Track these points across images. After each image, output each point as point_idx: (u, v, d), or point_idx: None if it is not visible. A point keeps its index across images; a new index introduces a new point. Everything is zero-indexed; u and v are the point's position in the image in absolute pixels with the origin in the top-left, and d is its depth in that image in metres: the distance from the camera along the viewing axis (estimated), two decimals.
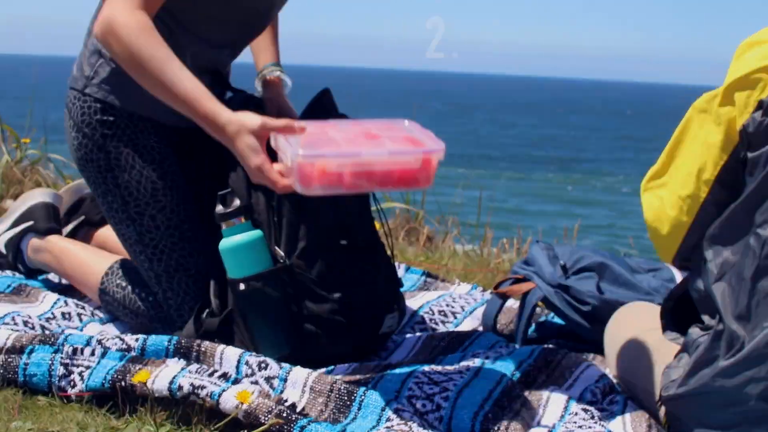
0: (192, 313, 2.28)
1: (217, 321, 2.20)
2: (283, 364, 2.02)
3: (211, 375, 1.92)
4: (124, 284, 2.40)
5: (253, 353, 2.08)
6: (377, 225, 2.39)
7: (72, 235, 2.79)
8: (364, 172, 1.78)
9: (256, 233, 2.17)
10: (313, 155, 1.76)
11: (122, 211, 2.30)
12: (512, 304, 2.64)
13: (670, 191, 1.79)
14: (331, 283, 2.19)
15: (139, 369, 1.94)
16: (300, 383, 1.98)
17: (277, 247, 2.18)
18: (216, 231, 2.22)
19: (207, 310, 2.24)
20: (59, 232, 2.70)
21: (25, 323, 2.30)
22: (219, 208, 2.17)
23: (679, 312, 1.99)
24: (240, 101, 2.41)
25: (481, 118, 49.26)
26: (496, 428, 1.82)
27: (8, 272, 2.72)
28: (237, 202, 2.17)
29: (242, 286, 2.14)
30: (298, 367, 2.01)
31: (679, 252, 1.82)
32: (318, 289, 2.18)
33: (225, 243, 2.16)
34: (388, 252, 2.40)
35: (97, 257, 2.53)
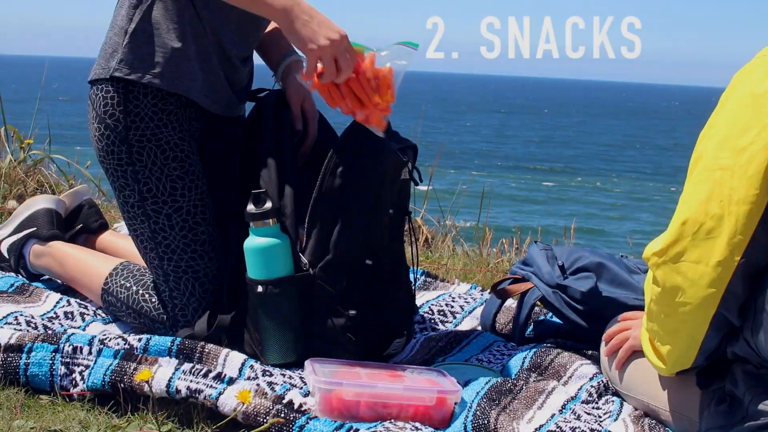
0: (196, 314, 2.29)
1: (229, 318, 2.19)
2: (286, 378, 2.05)
3: (205, 376, 1.93)
4: (128, 284, 2.40)
5: (259, 361, 2.09)
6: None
7: (71, 242, 2.78)
8: (380, 403, 1.89)
9: (284, 238, 2.16)
10: (332, 383, 1.89)
11: (138, 206, 2.29)
12: (511, 303, 2.66)
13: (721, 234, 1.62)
14: (349, 299, 2.17)
15: (135, 369, 1.95)
16: (301, 387, 2.02)
17: (302, 255, 2.17)
18: (241, 227, 2.21)
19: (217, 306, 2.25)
20: (62, 239, 2.71)
21: (28, 323, 2.31)
22: (250, 206, 2.16)
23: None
24: (274, 97, 2.38)
25: (480, 119, 49.18)
26: (485, 422, 1.84)
27: (11, 272, 2.74)
28: (269, 204, 2.16)
29: (260, 289, 2.13)
30: (300, 371, 2.05)
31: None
32: (335, 304, 2.16)
33: (251, 242, 2.15)
34: (411, 277, 2.38)
35: (100, 260, 2.54)
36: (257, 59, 2.52)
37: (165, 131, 2.27)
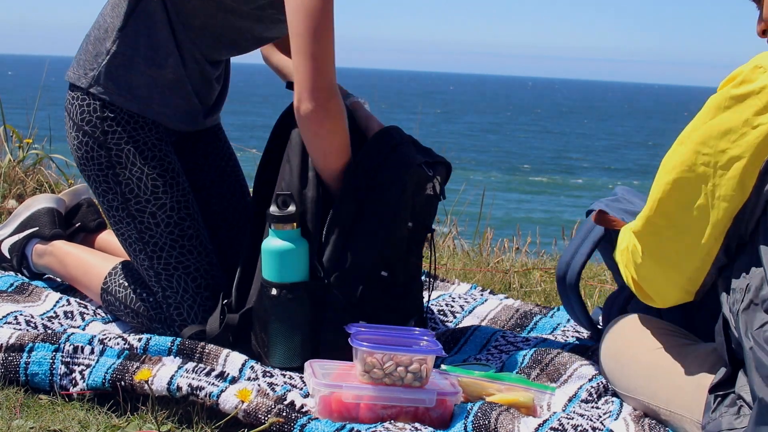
0: (191, 311, 2.29)
1: (238, 317, 2.19)
2: (287, 379, 2.05)
3: (208, 374, 1.93)
4: (126, 284, 2.41)
5: (260, 362, 2.09)
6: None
7: (69, 241, 2.79)
8: (379, 405, 1.89)
9: (303, 243, 2.15)
10: (331, 385, 1.88)
11: (122, 209, 2.31)
12: (511, 304, 2.64)
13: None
14: (361, 310, 2.16)
15: (137, 368, 1.96)
16: (301, 388, 2.02)
17: (318, 263, 2.16)
18: (258, 227, 2.21)
19: (225, 302, 2.24)
20: (64, 237, 2.71)
21: (28, 322, 2.31)
22: (273, 208, 2.15)
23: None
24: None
25: (479, 119, 49.22)
26: (486, 423, 1.84)
27: (11, 272, 2.74)
28: (292, 208, 2.14)
29: (274, 291, 2.13)
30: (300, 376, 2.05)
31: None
32: (346, 314, 2.15)
33: (269, 244, 2.14)
34: (425, 295, 2.37)
35: (99, 259, 2.54)
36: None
37: (142, 132, 2.31)
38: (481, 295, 2.88)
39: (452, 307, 2.71)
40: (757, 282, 1.69)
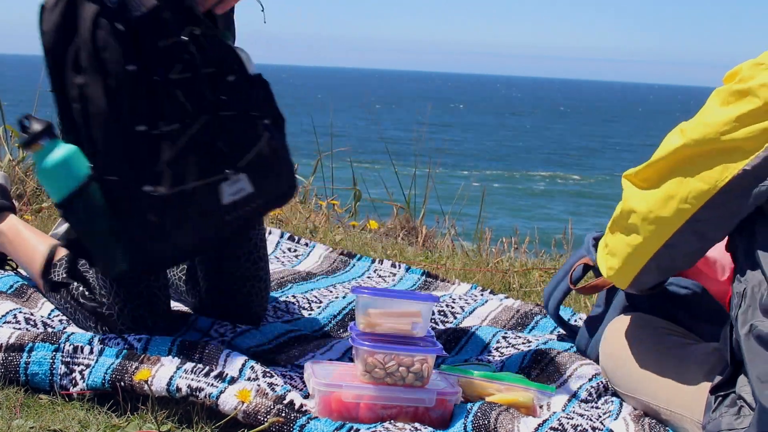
0: (122, 313, 2.27)
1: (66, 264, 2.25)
2: (287, 379, 2.06)
3: (207, 375, 1.94)
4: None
5: (260, 362, 2.10)
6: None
7: None
8: (379, 405, 1.89)
9: (66, 149, 2.06)
10: (331, 385, 1.89)
11: None
12: (511, 304, 2.64)
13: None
14: (142, 176, 2.05)
15: (136, 368, 1.96)
16: (301, 388, 2.02)
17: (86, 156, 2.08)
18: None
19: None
20: (12, 210, 2.70)
21: (27, 320, 2.31)
22: (21, 135, 2.08)
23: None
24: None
25: (477, 119, 49.27)
26: (485, 423, 1.84)
27: (11, 272, 2.74)
28: (37, 126, 2.07)
29: (62, 211, 2.10)
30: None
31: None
32: (133, 190, 2.05)
33: (38, 170, 2.08)
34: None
35: (45, 245, 2.54)
36: None
37: None
38: (482, 295, 2.88)
39: (453, 308, 2.71)
40: (754, 284, 1.70)
